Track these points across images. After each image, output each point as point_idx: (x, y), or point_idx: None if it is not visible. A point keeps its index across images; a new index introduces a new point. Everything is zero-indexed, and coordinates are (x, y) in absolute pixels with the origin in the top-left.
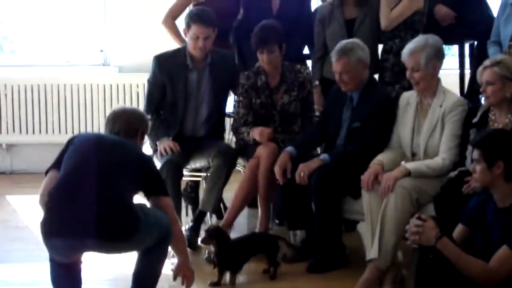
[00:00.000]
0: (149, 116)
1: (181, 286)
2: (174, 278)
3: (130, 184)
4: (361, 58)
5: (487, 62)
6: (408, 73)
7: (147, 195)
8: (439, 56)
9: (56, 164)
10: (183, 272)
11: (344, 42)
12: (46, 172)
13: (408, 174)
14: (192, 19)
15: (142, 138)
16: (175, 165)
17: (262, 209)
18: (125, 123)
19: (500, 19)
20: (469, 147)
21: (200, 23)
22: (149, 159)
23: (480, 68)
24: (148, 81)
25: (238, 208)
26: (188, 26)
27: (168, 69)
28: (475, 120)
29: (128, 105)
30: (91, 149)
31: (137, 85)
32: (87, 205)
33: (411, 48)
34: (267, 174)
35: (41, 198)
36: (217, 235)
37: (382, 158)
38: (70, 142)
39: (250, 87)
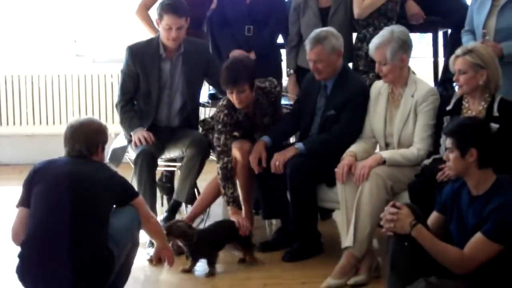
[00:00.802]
0: (121, 106)
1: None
2: (155, 260)
3: (105, 212)
4: (335, 46)
5: (458, 51)
6: (376, 66)
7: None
8: (406, 48)
9: (25, 201)
10: (163, 253)
11: (318, 30)
12: (17, 206)
13: (383, 162)
14: (164, 9)
15: (103, 150)
16: (150, 155)
17: (246, 207)
18: (84, 142)
19: (473, 7)
20: (443, 135)
21: (173, 13)
22: (115, 175)
23: (452, 57)
24: (122, 71)
25: (207, 201)
26: (160, 16)
27: (141, 59)
28: (448, 107)
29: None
30: (63, 194)
31: (111, 75)
32: (61, 262)
33: (377, 43)
34: (246, 173)
35: (15, 237)
36: (176, 232)
37: (354, 149)
38: (35, 173)
39: (234, 125)
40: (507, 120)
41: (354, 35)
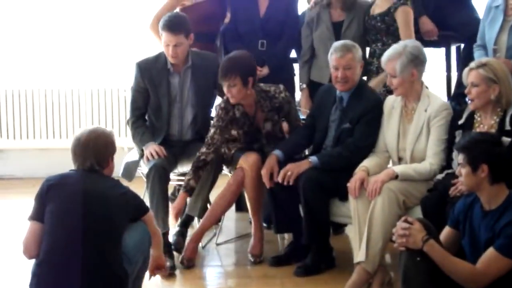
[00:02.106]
0: (133, 121)
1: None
2: (150, 272)
3: (120, 231)
4: (360, 56)
5: (472, 64)
6: (387, 79)
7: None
8: (417, 63)
9: (38, 215)
10: (159, 261)
11: (343, 41)
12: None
13: (395, 177)
14: (162, 26)
15: (112, 160)
16: (162, 169)
17: (254, 219)
18: (94, 157)
19: (485, 22)
20: (455, 150)
21: (168, 30)
22: (127, 192)
23: (466, 70)
24: (131, 88)
25: (215, 216)
26: (160, 33)
27: (149, 75)
28: (461, 122)
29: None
30: (77, 213)
31: (124, 89)
32: (77, 283)
33: (388, 55)
34: (254, 184)
35: (26, 250)
36: None
37: (367, 163)
38: (49, 188)
39: (230, 122)
40: None
41: (367, 50)
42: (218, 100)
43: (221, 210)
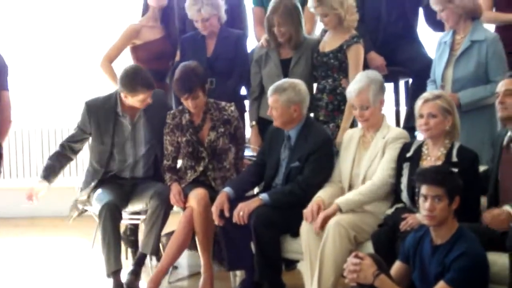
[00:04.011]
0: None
1: None
2: None
3: None
4: (293, 99)
5: (428, 95)
6: (357, 112)
7: None
8: (383, 89)
9: None
10: None
11: (283, 80)
12: None
13: (339, 210)
14: (139, 87)
15: None
16: (114, 206)
17: (204, 256)
18: None
19: (436, 57)
20: (403, 181)
21: (146, 90)
22: None
23: (420, 101)
24: (78, 124)
25: (173, 257)
26: (134, 93)
27: (96, 115)
28: (409, 154)
29: None
30: None
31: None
32: None
33: (358, 88)
34: (202, 220)
35: None
36: None
37: (321, 194)
38: None
39: (175, 126)
40: (465, 166)
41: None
42: None
43: (177, 250)
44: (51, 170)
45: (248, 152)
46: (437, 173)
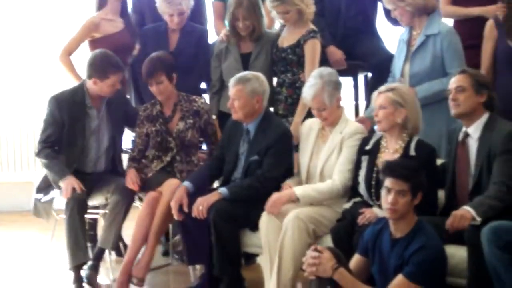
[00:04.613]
0: (46, 153)
1: None
2: None
3: None
4: (256, 90)
5: (382, 88)
6: (315, 112)
7: None
8: (338, 88)
9: None
10: None
11: (245, 72)
12: None
13: (297, 199)
14: (111, 70)
15: None
16: (82, 201)
17: (152, 243)
18: None
19: (395, 55)
20: (361, 174)
21: (117, 71)
22: None
23: (375, 93)
24: (45, 120)
25: (139, 243)
26: (105, 77)
27: (67, 108)
28: (368, 147)
29: None
30: None
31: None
32: None
33: (312, 93)
34: (166, 210)
35: None
36: None
37: (290, 181)
38: None
39: (146, 118)
40: (422, 159)
41: (275, 79)
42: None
43: (142, 236)
44: (62, 166)
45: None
46: (404, 168)
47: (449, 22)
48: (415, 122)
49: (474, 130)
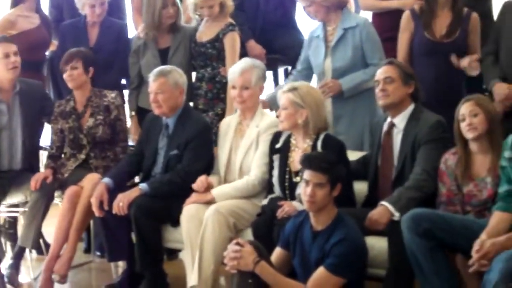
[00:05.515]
0: None
1: None
2: None
3: None
4: (178, 82)
5: (285, 87)
6: (236, 92)
7: None
8: (264, 77)
9: None
10: None
11: (163, 66)
12: None
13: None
14: None
15: None
16: None
17: (74, 236)
18: None
19: (307, 51)
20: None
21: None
22: None
23: (279, 92)
24: None
25: (62, 239)
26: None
27: None
28: (278, 145)
29: None
30: None
31: None
32: None
33: (241, 68)
34: (88, 204)
35: None
36: None
37: (212, 178)
38: None
39: (59, 114)
40: None
41: (194, 74)
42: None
43: (65, 231)
44: None
45: (129, 143)
46: (322, 160)
47: (365, 14)
48: (316, 122)
49: (399, 121)
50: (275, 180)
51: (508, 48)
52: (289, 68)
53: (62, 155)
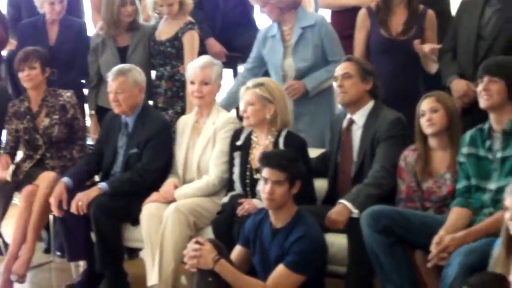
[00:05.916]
0: None
1: None
2: None
3: None
4: (138, 80)
5: (249, 83)
6: (195, 87)
7: None
8: (222, 76)
9: None
10: None
11: (121, 65)
12: None
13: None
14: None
15: None
16: None
17: (32, 236)
18: None
19: (261, 50)
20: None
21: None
22: None
23: (243, 89)
24: None
25: (20, 239)
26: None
27: None
28: (239, 143)
29: None
30: None
31: None
32: None
33: (203, 63)
34: (44, 203)
35: None
36: None
37: (174, 179)
38: None
39: (13, 114)
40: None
41: (153, 73)
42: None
43: (23, 231)
44: None
45: (88, 142)
46: (280, 158)
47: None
48: (284, 117)
49: (359, 117)
50: (236, 177)
51: (465, 45)
52: None
53: (15, 157)
